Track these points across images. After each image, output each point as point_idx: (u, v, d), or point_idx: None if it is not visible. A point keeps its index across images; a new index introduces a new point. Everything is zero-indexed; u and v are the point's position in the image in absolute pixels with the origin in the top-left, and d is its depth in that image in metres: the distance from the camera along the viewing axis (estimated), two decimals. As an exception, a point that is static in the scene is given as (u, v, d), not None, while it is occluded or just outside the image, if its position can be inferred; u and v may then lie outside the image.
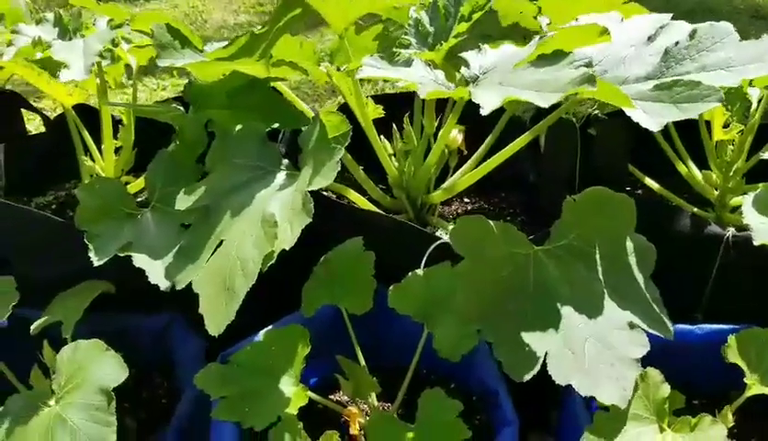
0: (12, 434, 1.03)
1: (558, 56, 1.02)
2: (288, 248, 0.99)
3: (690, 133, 1.45)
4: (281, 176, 1.15)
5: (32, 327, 1.23)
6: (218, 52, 1.14)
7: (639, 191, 1.59)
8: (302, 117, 1.30)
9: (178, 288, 1.08)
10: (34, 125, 2.14)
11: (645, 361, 1.01)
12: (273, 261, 0.99)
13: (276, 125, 1.26)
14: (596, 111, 1.48)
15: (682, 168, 1.45)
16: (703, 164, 1.47)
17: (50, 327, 1.24)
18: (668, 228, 1.32)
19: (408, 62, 1.17)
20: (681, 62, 1.16)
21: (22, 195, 1.59)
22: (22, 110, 1.64)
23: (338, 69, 1.22)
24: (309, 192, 1.01)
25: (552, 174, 1.51)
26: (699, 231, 1.30)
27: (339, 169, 1.02)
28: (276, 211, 1.04)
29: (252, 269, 0.98)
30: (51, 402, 1.06)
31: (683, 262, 1.28)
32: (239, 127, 1.21)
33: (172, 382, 1.32)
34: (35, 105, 1.67)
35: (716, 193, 1.43)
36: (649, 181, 1.49)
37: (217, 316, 0.98)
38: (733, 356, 1.11)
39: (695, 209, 1.43)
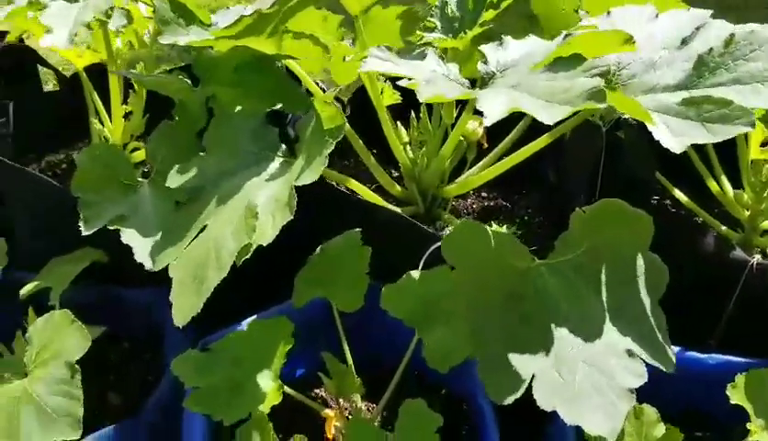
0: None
1: (573, 61, 0.94)
2: (265, 244, 0.93)
3: (726, 145, 1.36)
4: (275, 164, 1.10)
5: (21, 292, 1.22)
6: (224, 31, 1.09)
7: (667, 201, 1.49)
8: (308, 99, 1.24)
9: (156, 269, 1.05)
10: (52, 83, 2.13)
11: (650, 385, 0.93)
12: (248, 255, 0.94)
13: (279, 106, 1.20)
14: (627, 115, 1.39)
15: (712, 185, 1.36)
16: (738, 180, 1.38)
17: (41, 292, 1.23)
18: (690, 246, 1.24)
19: (422, 54, 1.10)
20: (714, 71, 1.06)
21: (34, 152, 1.58)
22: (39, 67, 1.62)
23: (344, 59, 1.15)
24: (295, 186, 0.95)
25: (573, 176, 1.43)
26: (723, 253, 1.22)
27: (326, 164, 0.96)
28: (262, 202, 0.99)
29: (225, 261, 0.93)
30: (24, 374, 1.04)
31: (703, 283, 1.20)
32: (238, 108, 1.15)
33: (160, 358, 1.30)
34: (51, 62, 1.65)
35: (746, 214, 1.34)
36: (677, 193, 1.40)
37: (184, 306, 0.94)
38: (739, 397, 1.03)
39: (724, 228, 1.34)
